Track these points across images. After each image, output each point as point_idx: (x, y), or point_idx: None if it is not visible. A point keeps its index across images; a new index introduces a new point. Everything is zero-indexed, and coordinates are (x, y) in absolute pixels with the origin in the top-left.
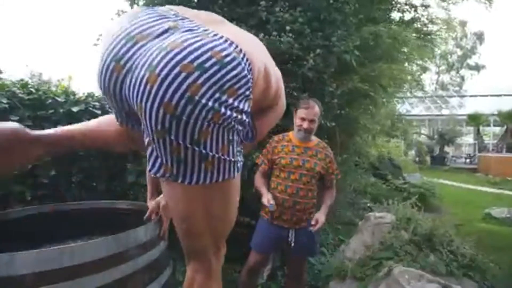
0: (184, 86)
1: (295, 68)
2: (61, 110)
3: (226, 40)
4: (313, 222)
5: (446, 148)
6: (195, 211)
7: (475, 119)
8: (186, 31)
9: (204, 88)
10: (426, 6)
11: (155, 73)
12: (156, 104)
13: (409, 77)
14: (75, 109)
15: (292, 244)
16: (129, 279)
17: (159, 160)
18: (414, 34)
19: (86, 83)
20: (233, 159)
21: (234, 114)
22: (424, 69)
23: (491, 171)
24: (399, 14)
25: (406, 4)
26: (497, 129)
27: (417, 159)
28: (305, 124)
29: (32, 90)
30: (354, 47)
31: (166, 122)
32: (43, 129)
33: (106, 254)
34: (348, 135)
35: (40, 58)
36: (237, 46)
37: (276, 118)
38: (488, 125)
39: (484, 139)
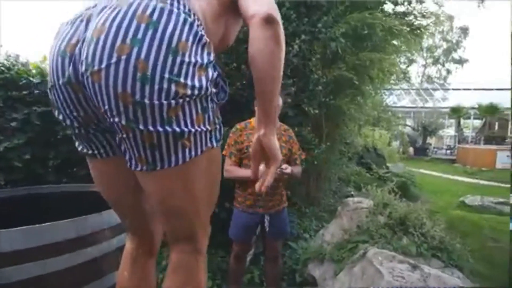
0: (130, 69)
1: None
2: (36, 92)
3: None
4: (284, 167)
5: (429, 140)
6: (177, 192)
7: (456, 112)
8: (101, 11)
9: (151, 61)
10: (421, 2)
11: (95, 69)
12: (112, 99)
13: (396, 69)
14: None
15: (267, 229)
16: (101, 260)
17: (132, 155)
18: (406, 27)
19: None
20: (209, 128)
21: (197, 76)
22: (411, 61)
23: (468, 162)
24: (392, 6)
25: None
26: (477, 122)
27: (400, 149)
28: None
29: (3, 69)
30: (340, 34)
31: (129, 113)
32: (15, 110)
33: (75, 235)
34: (334, 124)
35: (17, 38)
36: None
37: None
38: (469, 118)
39: (464, 132)
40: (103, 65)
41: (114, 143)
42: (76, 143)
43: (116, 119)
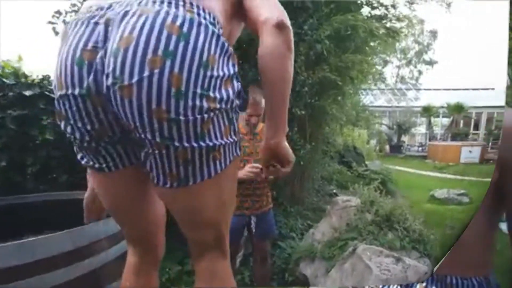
0: (164, 84)
1: None
2: (11, 94)
3: (170, 3)
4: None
5: (403, 138)
6: (208, 203)
7: (428, 111)
8: (123, 17)
9: (185, 75)
10: (395, 7)
11: (125, 83)
12: (145, 116)
13: (373, 70)
14: (27, 93)
15: (254, 230)
16: (100, 271)
17: (161, 172)
18: (384, 30)
19: (40, 65)
20: (236, 139)
21: (224, 88)
22: (386, 63)
23: (438, 157)
24: (369, 9)
25: (377, 2)
26: (445, 120)
27: (377, 147)
28: (253, 120)
29: None
30: (325, 37)
31: (164, 129)
32: None
33: (73, 247)
34: (317, 124)
35: None
36: (184, 2)
37: None
38: (438, 116)
39: (434, 129)
40: (134, 80)
41: (124, 155)
42: (79, 155)
43: (149, 136)
